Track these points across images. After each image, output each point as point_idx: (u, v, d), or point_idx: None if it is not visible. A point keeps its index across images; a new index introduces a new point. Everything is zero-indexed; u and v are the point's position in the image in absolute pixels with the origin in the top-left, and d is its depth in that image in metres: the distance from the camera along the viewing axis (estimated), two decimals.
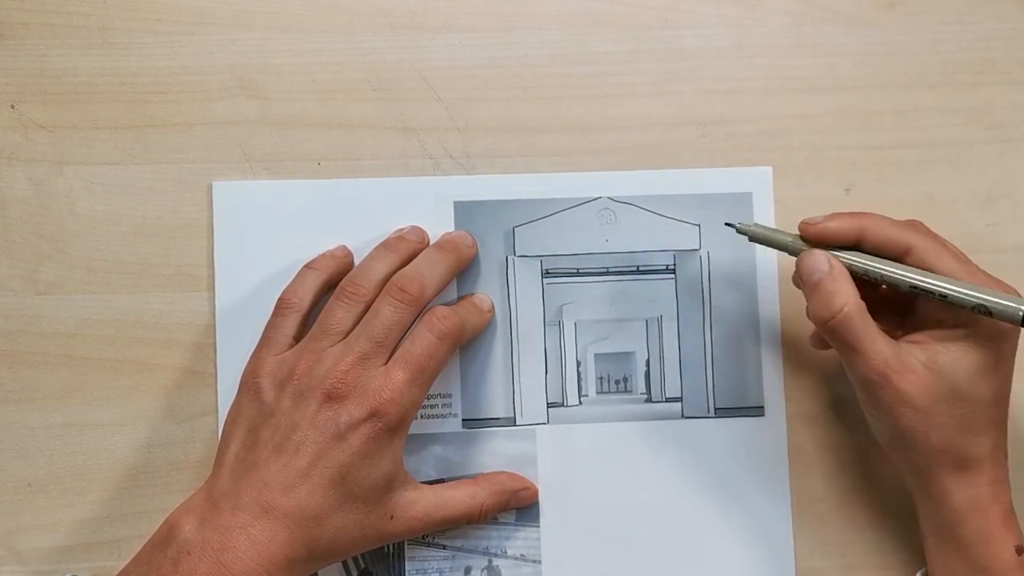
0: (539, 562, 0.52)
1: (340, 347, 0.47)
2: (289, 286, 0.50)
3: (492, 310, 0.52)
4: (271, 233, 0.52)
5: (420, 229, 0.52)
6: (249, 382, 0.47)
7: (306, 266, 0.51)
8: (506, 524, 0.52)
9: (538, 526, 0.52)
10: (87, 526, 0.51)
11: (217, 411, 0.51)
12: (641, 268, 0.53)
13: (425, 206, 0.52)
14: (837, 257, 0.46)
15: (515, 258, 0.53)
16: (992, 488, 0.46)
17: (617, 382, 0.53)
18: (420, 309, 0.48)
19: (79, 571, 0.51)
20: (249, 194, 0.52)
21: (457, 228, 0.52)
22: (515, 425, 0.52)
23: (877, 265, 0.46)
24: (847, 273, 0.46)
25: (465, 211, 0.53)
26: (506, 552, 0.52)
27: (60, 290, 0.51)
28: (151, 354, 0.52)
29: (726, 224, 0.49)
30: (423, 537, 0.51)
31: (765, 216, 0.53)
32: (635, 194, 0.53)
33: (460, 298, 0.52)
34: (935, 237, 0.47)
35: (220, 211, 0.52)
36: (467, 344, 0.52)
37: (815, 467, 0.53)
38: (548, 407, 0.52)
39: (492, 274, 0.53)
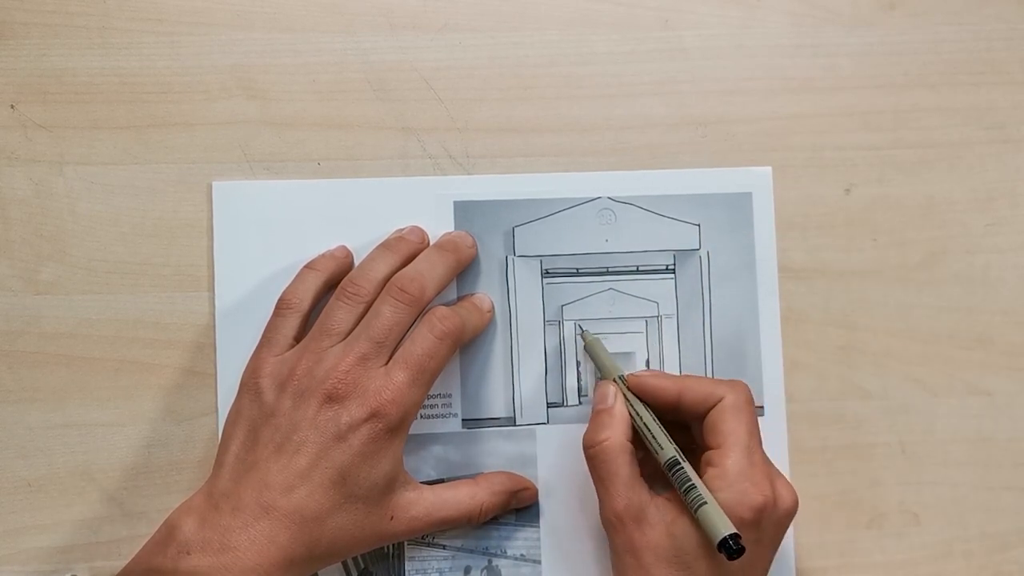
0: (539, 562, 0.52)
1: (340, 347, 0.47)
2: (289, 286, 0.50)
3: (492, 310, 0.52)
4: (271, 233, 0.52)
5: (420, 229, 0.52)
6: (249, 382, 0.47)
7: (306, 266, 0.50)
8: (506, 524, 0.52)
9: (538, 526, 0.52)
10: (87, 526, 0.51)
11: (217, 411, 0.51)
12: (641, 268, 0.53)
13: (425, 206, 0.52)
14: (630, 402, 0.48)
15: (515, 258, 0.53)
16: None
17: None
18: (420, 309, 0.48)
19: (79, 571, 0.51)
20: (249, 194, 0.52)
21: (457, 228, 0.52)
22: (515, 425, 0.52)
23: (649, 429, 0.47)
24: (625, 414, 0.47)
25: (465, 211, 0.53)
26: (506, 552, 0.52)
27: (60, 290, 0.51)
28: (151, 354, 0.52)
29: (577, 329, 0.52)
30: (423, 537, 0.51)
31: (765, 216, 0.53)
32: (635, 194, 0.53)
33: (460, 298, 0.52)
34: (748, 401, 0.47)
35: (220, 211, 0.52)
36: (467, 344, 0.52)
37: (815, 466, 0.53)
38: (548, 407, 0.52)
39: (492, 274, 0.53)
